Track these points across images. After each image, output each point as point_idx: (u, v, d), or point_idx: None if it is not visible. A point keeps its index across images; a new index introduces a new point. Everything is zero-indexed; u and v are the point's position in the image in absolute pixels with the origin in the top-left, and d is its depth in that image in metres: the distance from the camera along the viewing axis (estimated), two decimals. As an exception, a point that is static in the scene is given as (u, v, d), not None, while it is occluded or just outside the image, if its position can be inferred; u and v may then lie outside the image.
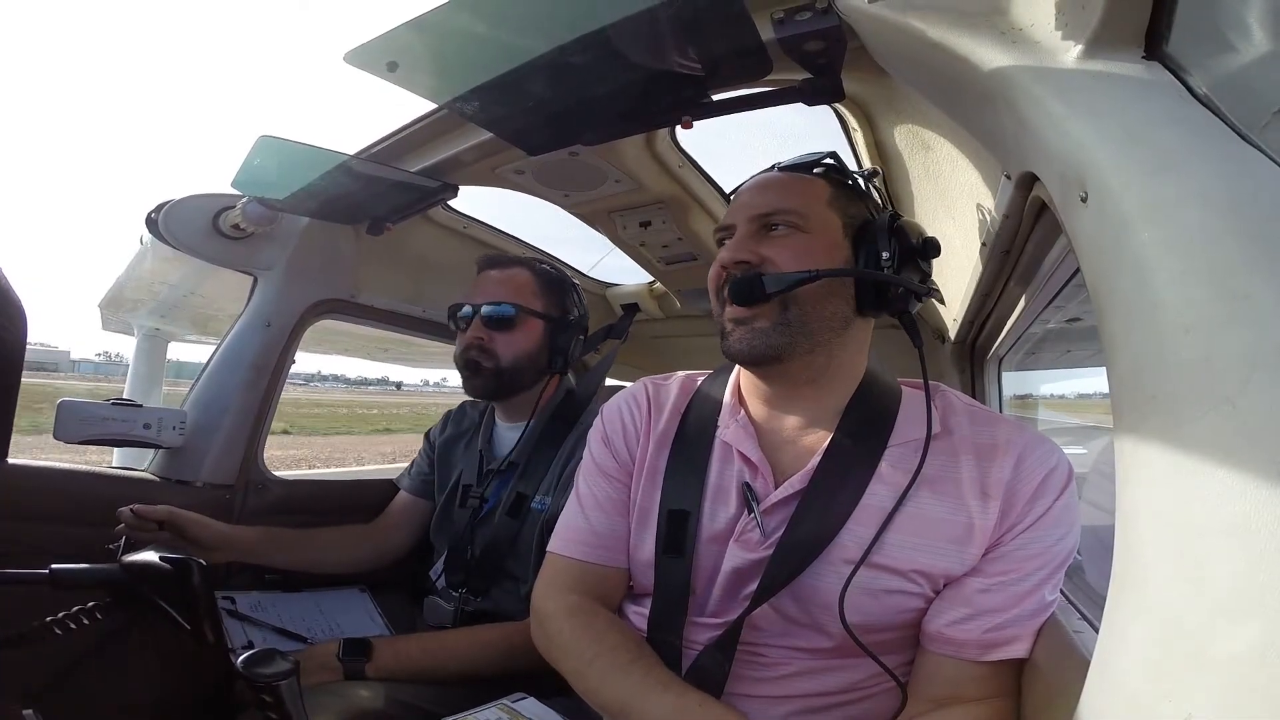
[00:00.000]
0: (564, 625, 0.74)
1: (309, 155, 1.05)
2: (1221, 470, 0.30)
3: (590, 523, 0.79)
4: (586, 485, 0.82)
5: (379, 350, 2.91)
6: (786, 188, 0.74)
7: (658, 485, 0.78)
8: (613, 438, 0.83)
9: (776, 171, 0.77)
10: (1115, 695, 0.32)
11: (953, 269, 1.24)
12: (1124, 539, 0.35)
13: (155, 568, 0.69)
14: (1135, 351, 0.36)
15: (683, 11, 0.67)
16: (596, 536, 0.79)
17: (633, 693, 0.65)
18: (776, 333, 0.69)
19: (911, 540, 0.66)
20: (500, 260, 1.25)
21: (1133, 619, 0.33)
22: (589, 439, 0.85)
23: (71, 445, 1.16)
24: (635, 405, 0.84)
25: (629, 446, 0.82)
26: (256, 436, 1.32)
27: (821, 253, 0.70)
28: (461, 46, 0.74)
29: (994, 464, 0.66)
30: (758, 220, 0.72)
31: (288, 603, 1.22)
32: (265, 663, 0.59)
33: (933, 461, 0.67)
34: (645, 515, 0.78)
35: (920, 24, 0.54)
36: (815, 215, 0.71)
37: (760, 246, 0.71)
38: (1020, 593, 0.63)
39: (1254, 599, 0.28)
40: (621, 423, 0.83)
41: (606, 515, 0.80)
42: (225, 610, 1.12)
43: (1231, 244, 0.34)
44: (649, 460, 0.80)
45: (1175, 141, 0.39)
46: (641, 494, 0.79)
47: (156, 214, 1.21)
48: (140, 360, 2.70)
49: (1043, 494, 0.65)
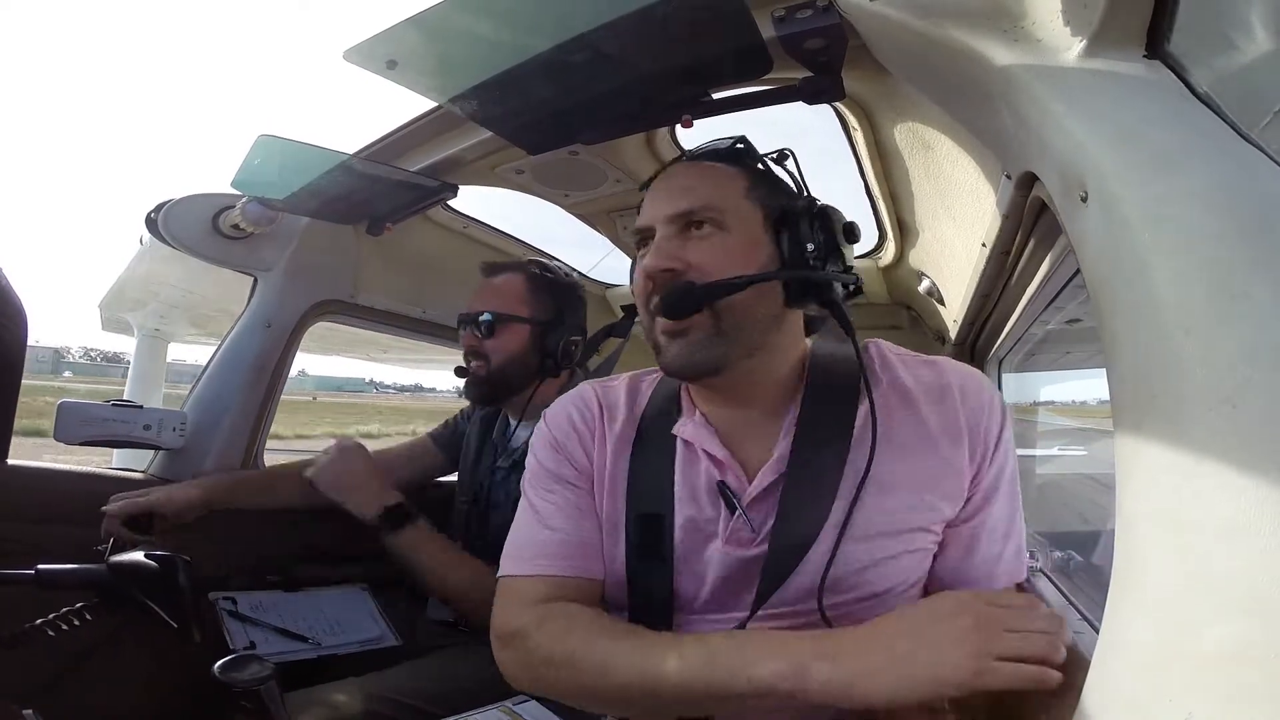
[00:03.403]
0: (545, 629, 0.65)
1: (308, 154, 1.05)
2: (1221, 470, 0.30)
3: (556, 533, 0.70)
4: (541, 497, 0.73)
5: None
6: (703, 181, 0.69)
7: (622, 492, 0.72)
8: (565, 443, 0.75)
9: (686, 161, 0.73)
10: (1115, 695, 0.32)
11: (953, 269, 1.24)
12: (1124, 539, 0.35)
13: (141, 567, 0.68)
14: (1135, 351, 0.36)
15: (683, 10, 0.67)
16: (566, 546, 0.70)
17: (650, 650, 0.59)
18: (712, 344, 0.65)
19: (905, 499, 0.65)
20: (496, 267, 1.28)
21: (1133, 619, 0.33)
22: (533, 447, 0.77)
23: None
24: (585, 408, 0.77)
25: (585, 450, 0.75)
26: (257, 437, 1.32)
27: (747, 252, 0.67)
28: (461, 45, 0.74)
29: (946, 405, 0.67)
30: (677, 221, 0.67)
31: (288, 603, 1.22)
32: (242, 667, 0.58)
33: (895, 416, 0.67)
34: (614, 527, 0.72)
35: (921, 22, 0.54)
36: (735, 210, 0.67)
37: (684, 251, 0.66)
38: (1011, 520, 0.68)
39: (1254, 599, 0.27)
40: (573, 427, 0.76)
41: (574, 522, 0.71)
42: (226, 611, 1.12)
43: (1231, 243, 0.34)
44: (609, 468, 0.73)
45: (1176, 141, 0.39)
46: (606, 504, 0.72)
47: (156, 214, 1.21)
48: (140, 361, 2.70)
49: (994, 422, 0.67)
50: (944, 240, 1.20)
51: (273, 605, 1.19)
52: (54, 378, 55.22)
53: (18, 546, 0.96)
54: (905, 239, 1.40)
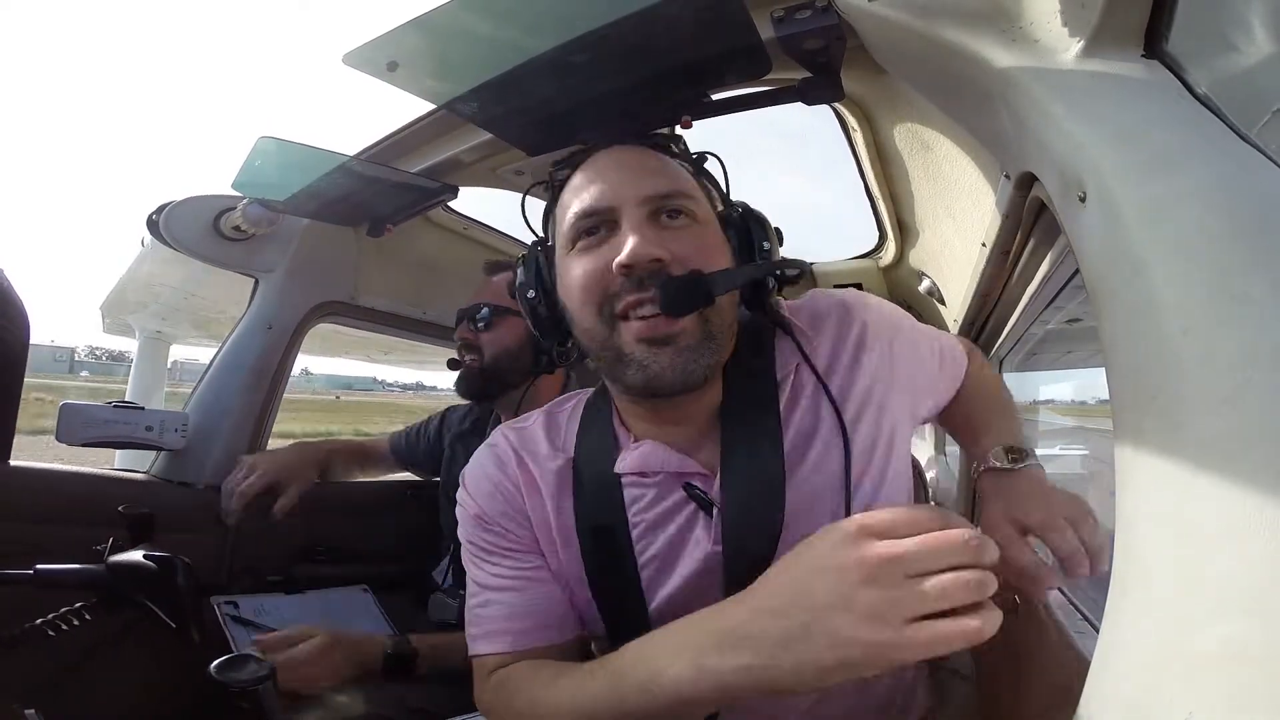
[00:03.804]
0: (498, 702, 0.62)
1: (309, 156, 1.05)
2: (1221, 470, 0.30)
3: (506, 606, 0.65)
4: (482, 570, 0.67)
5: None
6: (664, 165, 0.62)
7: (575, 545, 0.66)
8: (490, 512, 0.67)
9: (638, 146, 0.64)
10: (1115, 695, 0.32)
11: (953, 270, 1.24)
12: (1123, 539, 0.35)
13: (140, 567, 0.68)
14: (1134, 351, 0.36)
15: (682, 10, 0.67)
16: (513, 620, 0.64)
17: (580, 685, 0.54)
18: (704, 351, 0.58)
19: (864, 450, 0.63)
20: (497, 266, 1.29)
21: (1133, 619, 0.32)
22: (461, 522, 0.70)
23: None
24: (503, 466, 0.69)
25: (516, 511, 0.67)
26: (258, 438, 1.32)
27: (719, 248, 0.61)
28: (461, 47, 0.74)
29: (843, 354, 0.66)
30: (649, 203, 0.58)
31: (291, 605, 1.22)
32: (239, 667, 0.58)
33: (807, 389, 0.65)
34: (575, 577, 0.66)
35: (919, 22, 0.54)
36: (702, 202, 0.62)
37: (665, 240, 0.57)
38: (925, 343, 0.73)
39: (1254, 599, 0.27)
40: (497, 490, 0.68)
41: (520, 591, 0.65)
42: (229, 616, 1.12)
43: (1230, 244, 0.34)
44: (553, 521, 0.66)
45: (1174, 141, 0.39)
46: (562, 555, 0.66)
47: (157, 215, 1.22)
48: (142, 362, 2.70)
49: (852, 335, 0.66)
50: (944, 240, 1.20)
51: (275, 609, 1.19)
52: (72, 377, 55.42)
53: (18, 547, 0.96)
54: (905, 239, 1.40)
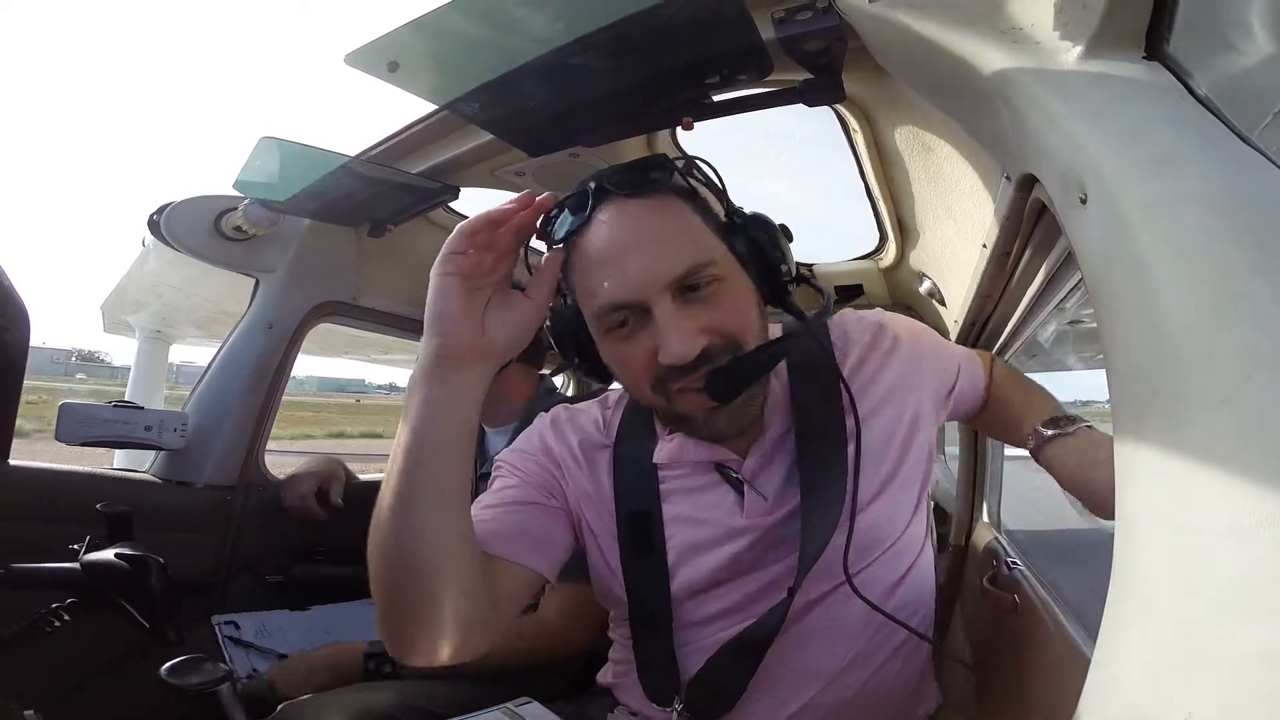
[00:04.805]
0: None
1: (310, 156, 1.05)
2: (1221, 470, 0.30)
3: (497, 518, 0.68)
4: (497, 488, 0.73)
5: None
6: (664, 222, 0.62)
7: (611, 511, 0.73)
8: (536, 454, 0.75)
9: (622, 199, 0.62)
10: (1115, 695, 0.32)
11: (953, 271, 1.24)
12: (1123, 539, 0.35)
13: (113, 567, 0.67)
14: (1135, 351, 0.36)
15: (683, 11, 0.67)
16: (502, 527, 0.67)
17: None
18: (754, 399, 0.65)
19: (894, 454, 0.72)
20: None
21: (1133, 619, 0.32)
22: (496, 471, 0.75)
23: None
24: (559, 434, 0.77)
25: (554, 466, 0.74)
26: (258, 438, 1.32)
27: (745, 288, 0.64)
28: (462, 47, 0.74)
29: (884, 352, 0.75)
30: (675, 286, 0.60)
31: (295, 622, 1.20)
32: (194, 670, 0.56)
33: (864, 379, 0.73)
34: (605, 536, 0.73)
35: (920, 23, 0.54)
36: (713, 248, 0.62)
37: (699, 319, 0.60)
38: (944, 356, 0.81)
39: (1254, 599, 0.27)
40: (546, 448, 0.76)
41: (517, 514, 0.70)
42: (229, 638, 1.11)
43: (1231, 244, 0.34)
44: (593, 495, 0.74)
45: (1175, 142, 0.39)
46: (596, 520, 0.74)
47: (158, 215, 1.22)
48: (142, 362, 2.70)
49: (873, 338, 0.76)
50: (944, 241, 1.20)
51: (278, 628, 1.17)
52: (69, 379, 55.52)
53: (17, 546, 0.96)
54: (906, 240, 1.40)
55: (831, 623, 0.69)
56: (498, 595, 0.62)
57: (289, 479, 1.34)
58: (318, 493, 1.32)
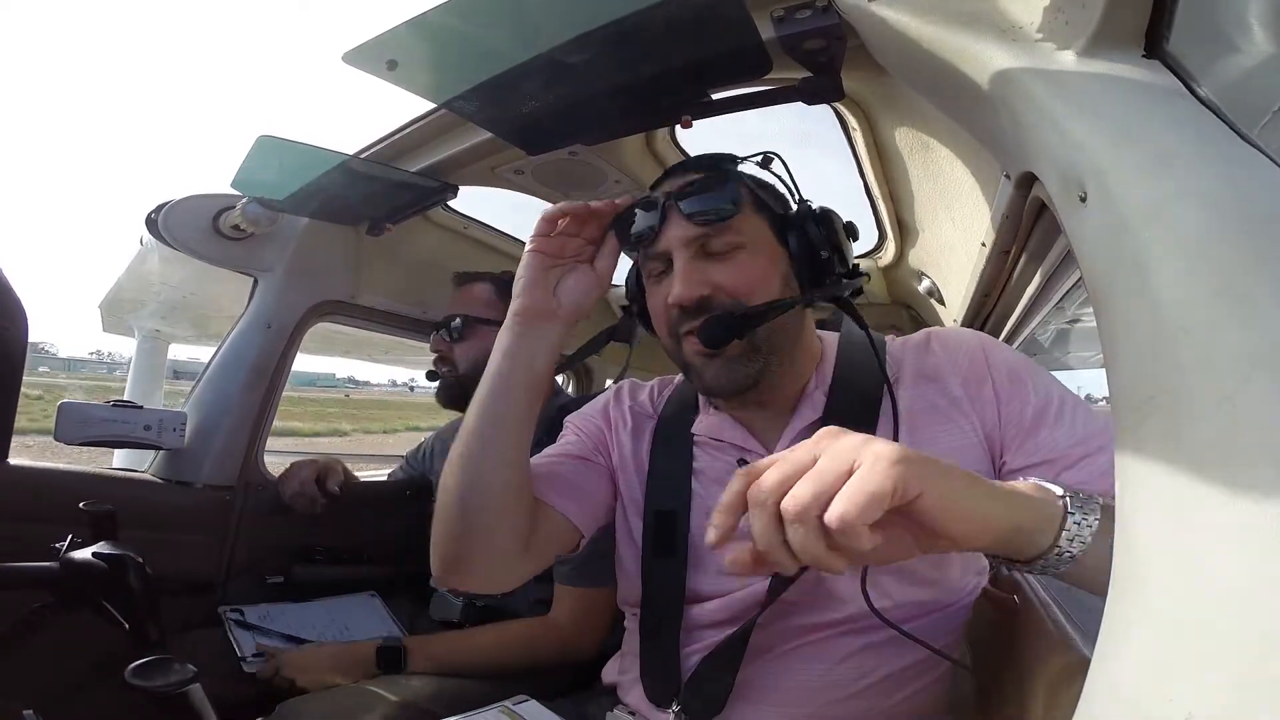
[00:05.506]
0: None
1: (308, 155, 1.05)
2: (1221, 470, 0.30)
3: (548, 465, 0.77)
4: (558, 443, 0.83)
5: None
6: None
7: (642, 480, 0.78)
8: (596, 416, 0.84)
9: (687, 175, 0.71)
10: (1115, 695, 0.32)
11: (953, 269, 1.24)
12: (1124, 539, 0.35)
13: (91, 566, 0.66)
14: (1135, 351, 0.36)
15: (682, 9, 0.67)
16: (549, 474, 0.76)
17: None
18: (750, 361, 0.67)
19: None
20: (466, 277, 1.35)
21: (1133, 619, 0.32)
22: (569, 420, 0.86)
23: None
24: (617, 402, 0.85)
25: (607, 428, 0.83)
26: (257, 438, 1.32)
27: (769, 266, 0.68)
28: (461, 46, 0.74)
29: (943, 375, 0.70)
30: (694, 244, 0.67)
31: (297, 612, 1.22)
32: (159, 671, 0.53)
33: (924, 395, 0.69)
34: (634, 510, 0.78)
35: (919, 22, 0.54)
36: (748, 226, 0.68)
37: (710, 274, 0.66)
38: (1083, 441, 0.62)
39: (1254, 599, 0.27)
40: (604, 411, 0.84)
41: (565, 464, 0.78)
42: (234, 621, 1.13)
43: (1231, 244, 0.34)
44: (631, 459, 0.80)
45: (1175, 141, 0.39)
46: (626, 488, 0.79)
47: (156, 214, 1.21)
48: (140, 362, 2.70)
49: (976, 362, 0.69)
50: (944, 240, 1.20)
51: (280, 615, 1.19)
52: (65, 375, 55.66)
53: (17, 546, 0.96)
54: (905, 239, 1.40)
55: (825, 635, 0.68)
56: (534, 537, 0.70)
57: (287, 471, 1.34)
58: (316, 480, 1.33)
